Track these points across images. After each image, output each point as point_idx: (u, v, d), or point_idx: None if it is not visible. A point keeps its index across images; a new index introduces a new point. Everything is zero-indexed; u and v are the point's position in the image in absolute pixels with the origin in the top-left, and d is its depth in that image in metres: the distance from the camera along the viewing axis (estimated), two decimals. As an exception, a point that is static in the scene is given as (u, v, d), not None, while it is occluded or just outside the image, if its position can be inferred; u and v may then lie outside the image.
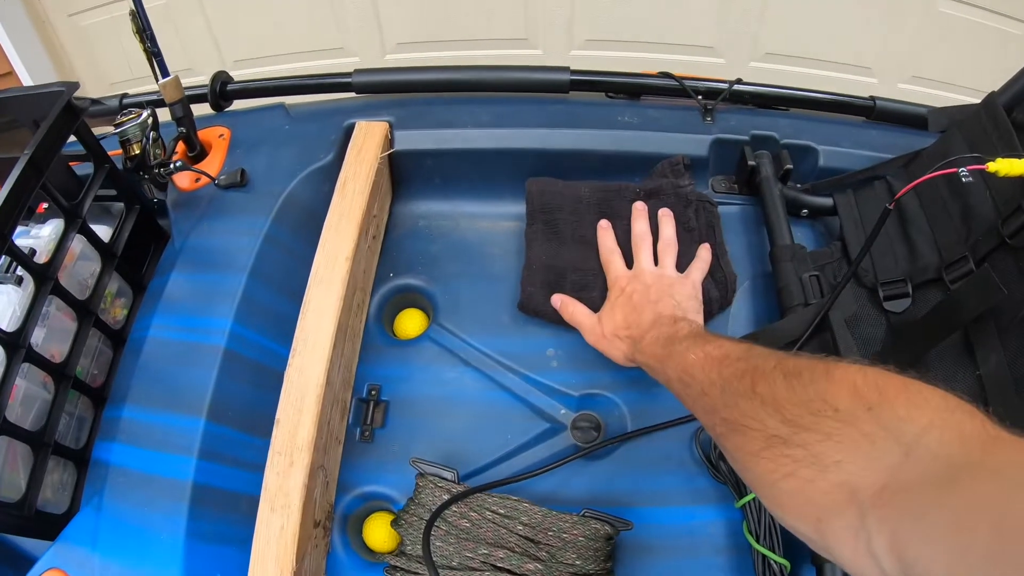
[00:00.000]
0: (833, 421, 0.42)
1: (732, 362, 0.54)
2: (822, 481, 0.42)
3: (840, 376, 0.44)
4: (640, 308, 0.76)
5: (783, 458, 0.44)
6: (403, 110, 0.90)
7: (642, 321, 0.74)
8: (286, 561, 0.70)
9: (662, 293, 0.77)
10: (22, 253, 0.76)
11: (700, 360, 0.59)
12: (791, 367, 0.48)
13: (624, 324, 0.76)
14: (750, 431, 0.48)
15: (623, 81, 0.89)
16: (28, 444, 0.78)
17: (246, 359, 0.79)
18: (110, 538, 0.75)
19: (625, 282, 0.81)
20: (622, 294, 0.79)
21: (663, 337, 0.68)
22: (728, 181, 0.90)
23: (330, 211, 0.81)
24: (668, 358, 0.64)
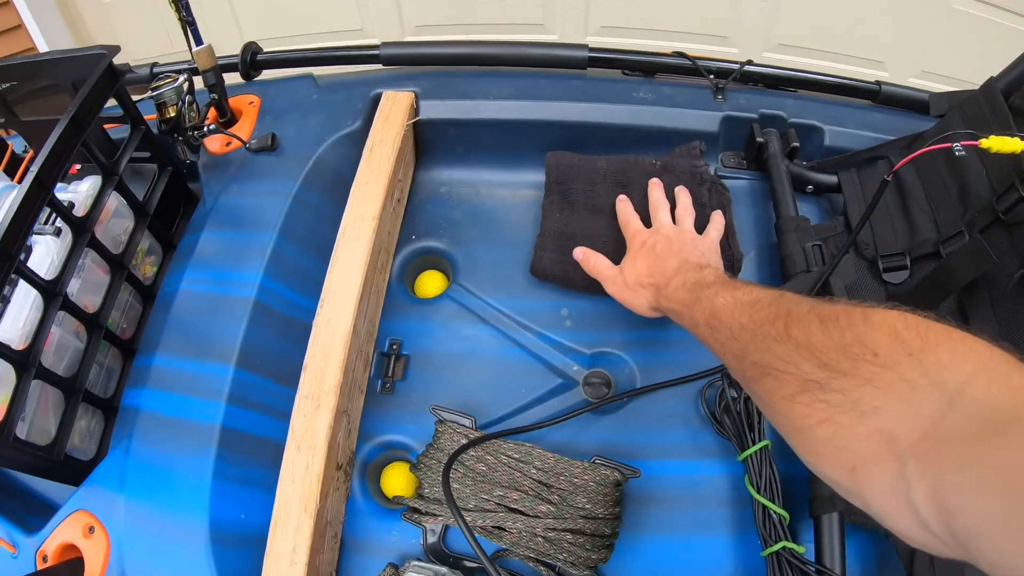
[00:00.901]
0: (872, 366, 0.41)
1: (763, 307, 0.53)
2: (859, 427, 0.41)
3: (879, 320, 0.43)
4: (663, 257, 0.77)
5: (819, 403, 0.44)
6: (428, 82, 0.96)
7: (666, 268, 0.75)
8: (310, 499, 0.75)
9: (685, 244, 0.79)
10: (62, 205, 0.81)
11: (729, 304, 0.58)
12: (827, 312, 0.47)
13: (647, 272, 0.77)
14: (784, 375, 0.47)
15: (639, 59, 0.95)
16: (60, 390, 0.83)
17: (274, 311, 0.84)
18: (137, 480, 0.80)
19: (646, 235, 0.82)
20: (643, 246, 0.80)
21: (689, 283, 0.69)
22: (737, 157, 0.96)
23: (358, 174, 0.87)
24: (696, 303, 0.65)
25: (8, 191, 0.91)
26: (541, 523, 0.77)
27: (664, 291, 0.73)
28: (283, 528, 0.75)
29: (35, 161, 0.76)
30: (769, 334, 0.50)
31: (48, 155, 0.76)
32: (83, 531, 0.81)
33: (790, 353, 0.47)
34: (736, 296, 0.59)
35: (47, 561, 0.83)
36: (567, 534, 0.77)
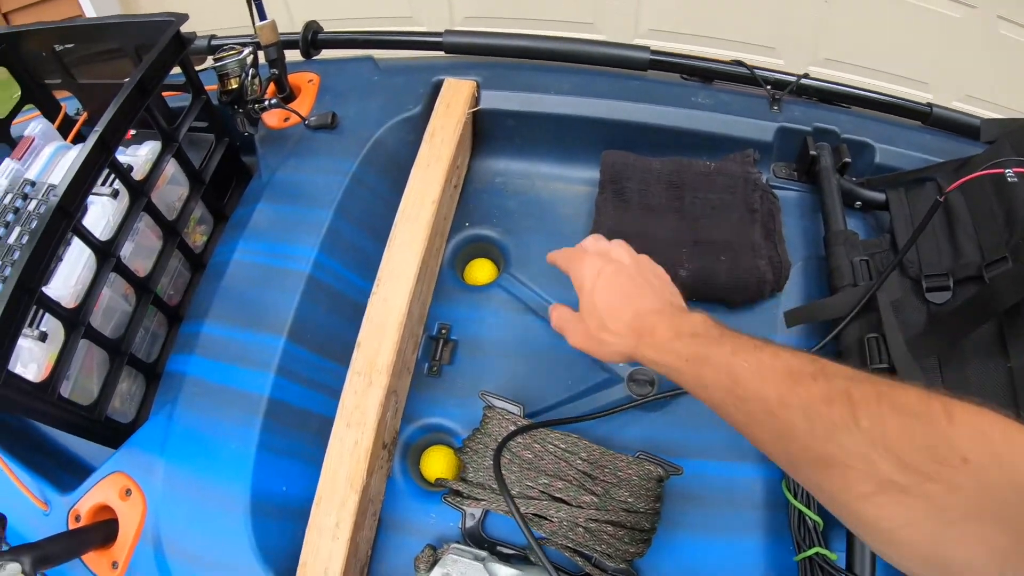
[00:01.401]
0: (961, 473, 0.38)
1: (806, 380, 0.46)
2: (952, 532, 0.39)
3: (964, 419, 0.39)
4: (632, 294, 0.64)
5: (900, 507, 0.40)
6: (488, 72, 0.97)
7: (641, 308, 0.62)
8: (356, 475, 0.76)
9: (648, 276, 0.66)
10: (122, 167, 0.82)
11: (754, 369, 0.50)
12: (900, 401, 0.42)
13: (615, 313, 0.63)
14: (853, 471, 0.42)
15: (698, 65, 0.97)
16: (106, 351, 0.84)
17: (327, 287, 0.86)
18: (179, 445, 0.81)
19: (599, 262, 0.67)
20: (600, 276, 0.66)
21: (685, 333, 0.57)
22: (788, 168, 0.98)
23: (419, 157, 0.88)
24: (702, 362, 0.54)
25: (63, 151, 0.92)
26: (584, 513, 0.78)
27: (649, 340, 0.60)
28: (327, 502, 0.76)
29: (99, 121, 0.77)
30: (830, 420, 0.44)
31: (113, 116, 0.77)
32: (119, 493, 0.82)
33: (862, 447, 0.42)
34: (761, 360, 0.50)
35: (80, 521, 0.84)
36: (608, 526, 0.78)
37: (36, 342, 0.76)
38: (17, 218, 0.83)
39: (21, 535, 0.86)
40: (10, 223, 0.83)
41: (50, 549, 0.74)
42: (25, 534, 0.86)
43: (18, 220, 0.83)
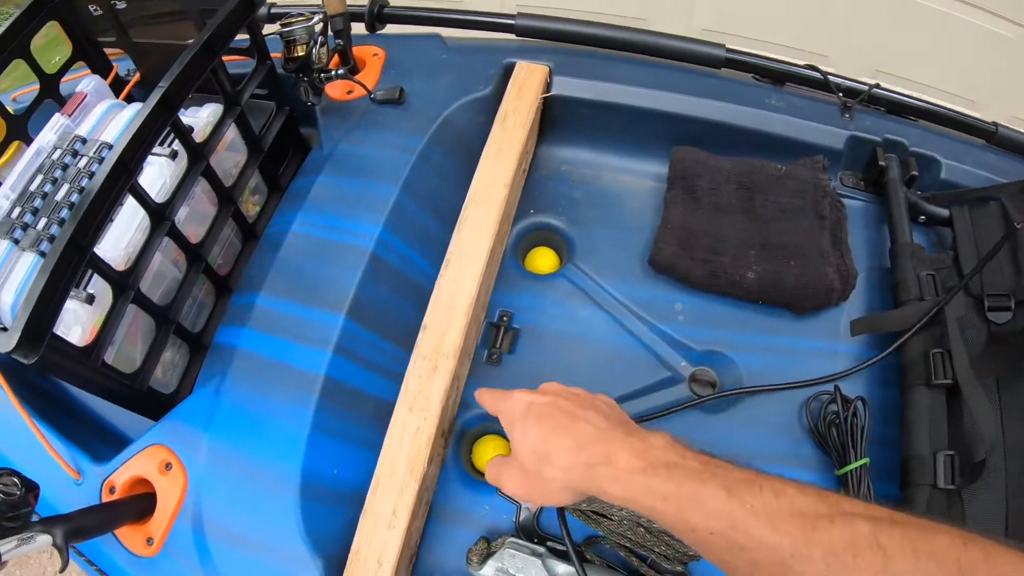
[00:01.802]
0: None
1: (825, 525, 0.41)
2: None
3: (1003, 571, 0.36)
4: (572, 417, 0.54)
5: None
6: (560, 57, 0.93)
7: (584, 434, 0.52)
8: (417, 462, 0.71)
9: (585, 400, 0.57)
10: (185, 128, 0.77)
11: (763, 515, 0.43)
12: (936, 547, 0.38)
13: (553, 446, 0.53)
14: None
15: (773, 66, 0.94)
16: (153, 318, 0.79)
17: (390, 265, 0.81)
18: (226, 421, 0.76)
19: (528, 397, 0.58)
20: (530, 409, 0.56)
21: (658, 464, 0.48)
22: (855, 177, 0.95)
23: (490, 140, 0.84)
24: (691, 503, 0.46)
25: (116, 109, 0.87)
26: (645, 514, 0.74)
27: (607, 472, 0.50)
28: (385, 488, 0.71)
29: (165, 77, 0.72)
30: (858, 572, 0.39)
31: (179, 74, 0.72)
32: (159, 467, 0.77)
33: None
34: (766, 502, 0.43)
35: (114, 493, 0.79)
36: (668, 528, 0.74)
37: (83, 304, 0.71)
38: (65, 175, 0.78)
39: (50, 504, 0.81)
40: (58, 180, 0.78)
41: (83, 521, 0.69)
42: (54, 504, 0.81)
43: (66, 177, 0.78)
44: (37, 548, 0.63)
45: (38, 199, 0.76)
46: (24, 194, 0.77)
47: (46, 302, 0.61)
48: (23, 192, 0.78)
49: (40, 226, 0.75)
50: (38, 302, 0.60)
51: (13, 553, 0.60)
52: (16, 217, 0.76)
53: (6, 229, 0.75)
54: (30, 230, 0.75)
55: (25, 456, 0.83)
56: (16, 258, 0.76)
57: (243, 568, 0.70)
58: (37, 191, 0.77)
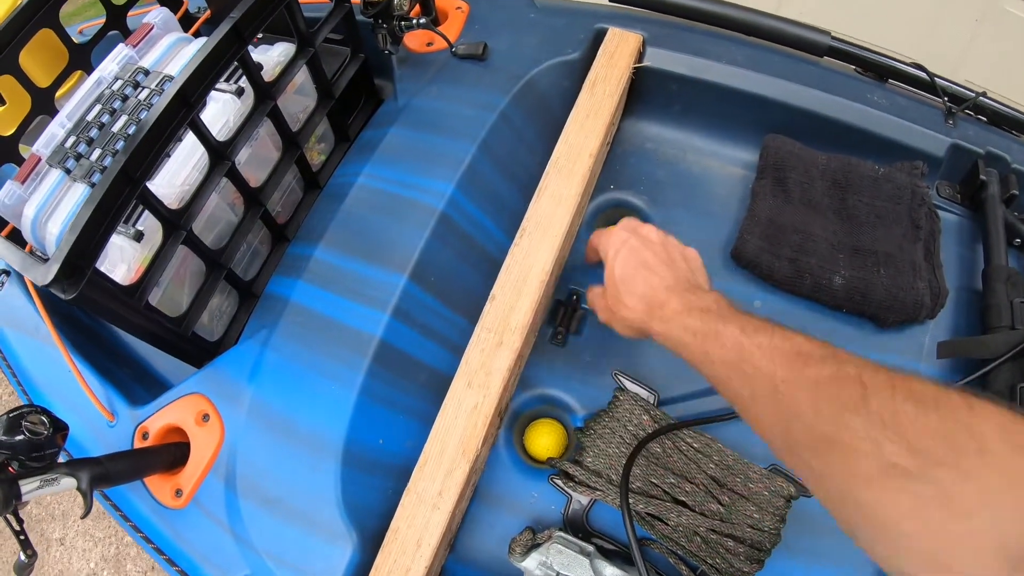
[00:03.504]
0: (977, 459, 0.33)
1: (816, 362, 0.41)
2: (957, 527, 0.33)
3: (986, 412, 0.34)
4: (652, 265, 0.56)
5: (904, 493, 0.35)
6: (655, 28, 0.79)
7: (656, 282, 0.55)
8: (471, 442, 0.60)
9: (673, 254, 0.59)
10: (253, 64, 0.65)
11: (764, 348, 0.45)
12: (916, 391, 0.36)
13: (631, 284, 0.57)
14: (858, 454, 0.37)
15: (878, 60, 0.79)
16: (204, 261, 0.68)
17: (459, 228, 0.69)
18: (271, 376, 0.65)
19: (626, 235, 0.60)
20: (624, 245, 0.59)
21: (696, 308, 0.51)
22: (952, 189, 0.81)
23: (577, 106, 0.71)
24: (712, 337, 0.48)
25: (183, 42, 0.75)
26: (706, 523, 0.62)
27: (660, 313, 0.53)
28: (434, 466, 0.60)
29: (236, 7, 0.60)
30: (838, 400, 0.39)
31: (252, 6, 0.60)
32: (196, 417, 0.67)
33: (870, 429, 0.36)
34: (773, 341, 0.45)
35: (147, 440, 0.69)
36: (728, 540, 0.62)
37: (130, 241, 0.61)
38: (124, 106, 0.67)
39: (79, 444, 0.71)
40: (116, 111, 0.67)
41: (112, 467, 0.60)
42: (84, 444, 0.71)
43: (125, 109, 0.67)
44: (61, 490, 0.54)
45: (94, 129, 0.66)
46: (80, 124, 0.67)
47: (90, 235, 0.52)
48: (79, 122, 0.67)
49: (94, 157, 0.65)
50: (81, 234, 0.50)
51: (35, 494, 0.52)
52: (70, 147, 0.66)
53: (59, 158, 0.66)
54: (83, 160, 0.65)
55: (60, 393, 0.74)
56: (67, 188, 0.66)
57: (273, 533, 0.60)
58: (94, 121, 0.67)
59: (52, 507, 1.72)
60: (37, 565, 1.63)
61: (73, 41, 0.79)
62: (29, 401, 0.77)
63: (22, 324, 0.77)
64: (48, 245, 0.67)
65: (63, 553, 1.65)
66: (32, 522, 1.70)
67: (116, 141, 0.65)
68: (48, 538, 1.67)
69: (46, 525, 1.70)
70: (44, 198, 0.66)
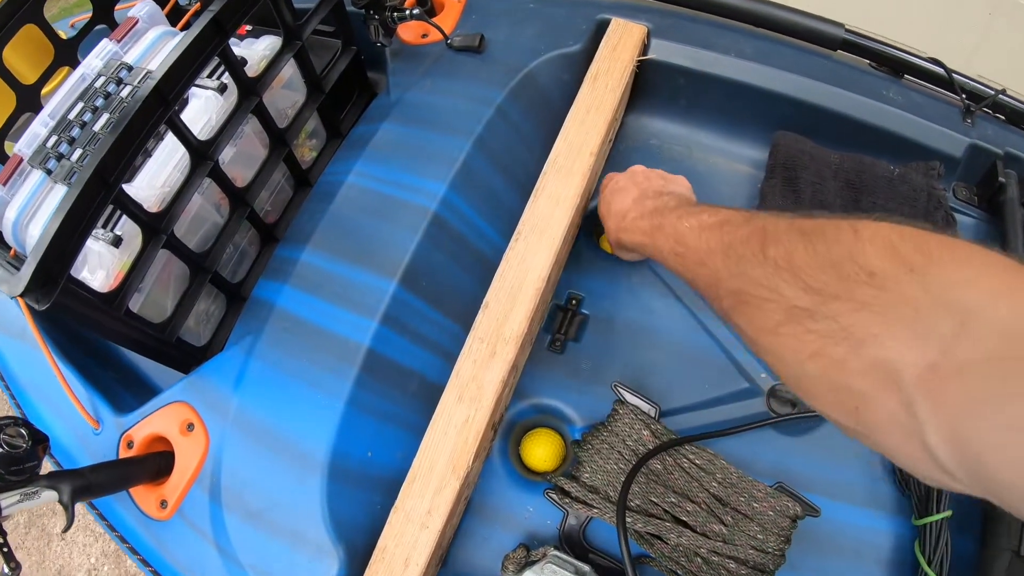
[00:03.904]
0: (867, 287, 0.32)
1: (734, 227, 0.43)
2: (855, 360, 0.32)
3: (871, 234, 0.33)
4: (626, 189, 0.62)
5: (807, 334, 0.35)
6: (661, 19, 0.75)
7: (625, 199, 0.61)
8: (461, 458, 0.58)
9: (651, 176, 0.64)
10: (235, 59, 0.62)
11: (694, 227, 0.48)
12: (809, 226, 0.37)
13: (610, 210, 0.62)
14: (764, 303, 0.37)
15: (894, 54, 0.75)
16: (188, 265, 0.65)
17: (453, 230, 0.66)
18: (256, 384, 0.63)
19: (617, 175, 0.66)
20: (610, 180, 0.66)
21: (648, 209, 0.56)
22: (969, 190, 0.77)
23: (577, 101, 0.68)
24: (657, 230, 0.53)
25: (168, 36, 0.72)
26: (708, 544, 0.59)
27: (623, 223, 0.59)
28: (422, 484, 0.58)
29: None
30: (743, 255, 0.40)
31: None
32: (181, 427, 0.65)
33: (769, 277, 0.37)
34: (702, 219, 0.48)
35: (132, 448, 0.67)
36: (731, 562, 0.60)
37: (108, 246, 0.58)
38: (107, 104, 0.65)
39: (65, 451, 0.69)
40: (99, 108, 0.65)
41: (94, 479, 0.58)
42: (70, 451, 0.70)
43: (108, 106, 0.64)
44: (42, 503, 0.53)
45: (76, 128, 0.64)
46: (62, 122, 0.65)
47: (63, 242, 0.50)
48: (61, 120, 0.65)
49: (75, 157, 0.63)
50: (53, 242, 0.48)
51: (15, 507, 0.51)
52: (51, 147, 0.64)
53: (40, 159, 0.64)
54: (64, 161, 0.63)
55: (48, 399, 0.72)
56: (48, 190, 0.64)
57: (258, 547, 0.58)
58: (76, 120, 0.65)
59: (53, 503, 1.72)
60: (38, 560, 1.64)
61: (59, 37, 0.77)
62: (18, 407, 0.76)
63: (9, 327, 0.76)
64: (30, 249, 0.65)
65: (64, 548, 1.65)
66: (33, 516, 1.70)
67: (97, 141, 0.63)
68: (49, 533, 1.68)
69: (47, 520, 1.70)
70: (25, 200, 0.64)
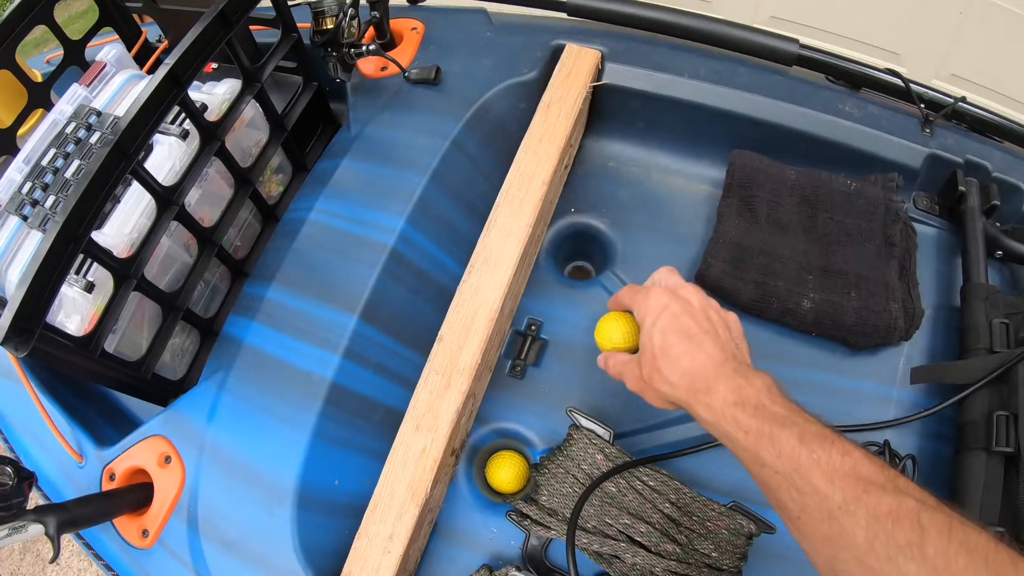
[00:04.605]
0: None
1: (876, 490, 0.40)
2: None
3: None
4: (693, 336, 0.52)
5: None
6: (615, 43, 0.78)
7: (699, 358, 0.51)
8: (420, 486, 0.61)
9: (716, 322, 0.54)
10: (194, 106, 0.66)
11: (824, 467, 0.42)
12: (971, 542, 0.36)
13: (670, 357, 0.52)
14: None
15: (850, 68, 0.77)
16: (160, 305, 0.69)
17: (411, 264, 0.69)
18: (229, 419, 0.67)
19: (666, 299, 0.55)
20: (664, 311, 0.54)
21: (748, 402, 0.48)
22: (930, 200, 0.78)
23: (530, 130, 0.70)
24: (767, 440, 0.45)
25: (135, 80, 0.76)
26: (663, 563, 0.62)
27: (706, 399, 0.50)
28: (384, 511, 0.61)
29: (171, 52, 0.60)
30: (894, 540, 0.39)
31: (187, 48, 0.61)
32: (158, 459, 0.69)
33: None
34: (831, 455, 0.43)
35: (114, 480, 0.71)
36: (686, 579, 0.62)
37: (81, 292, 0.62)
38: (78, 149, 0.69)
39: (52, 484, 0.73)
40: (70, 154, 0.69)
41: (78, 512, 0.62)
42: (56, 484, 0.74)
43: (79, 152, 0.69)
44: (29, 537, 0.57)
45: (49, 174, 0.69)
46: (35, 169, 0.69)
47: (37, 293, 0.53)
48: (35, 166, 0.69)
49: (48, 204, 0.67)
50: (28, 293, 0.52)
51: (4, 542, 0.55)
52: (27, 193, 0.68)
53: (16, 205, 0.68)
54: (39, 208, 0.67)
55: (33, 434, 0.77)
56: (25, 235, 0.68)
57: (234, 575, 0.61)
58: (48, 166, 0.69)
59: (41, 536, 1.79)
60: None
61: (32, 80, 0.81)
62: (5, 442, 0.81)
63: (-2, 366, 0.80)
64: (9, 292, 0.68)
65: (59, 573, 1.71)
66: (28, 543, 1.76)
67: (69, 187, 0.66)
68: (43, 559, 1.75)
69: (41, 546, 1.76)
70: (4, 245, 0.68)
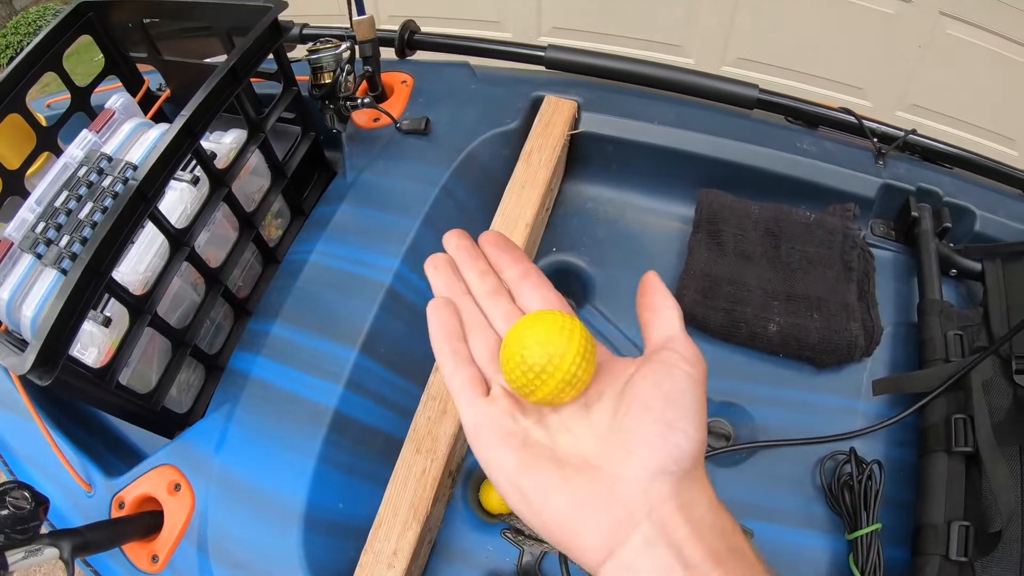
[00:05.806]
0: None
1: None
2: None
3: None
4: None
5: None
6: (589, 93, 0.88)
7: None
8: (421, 504, 0.68)
9: None
10: (206, 155, 0.74)
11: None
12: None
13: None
14: None
15: (806, 109, 0.87)
16: (170, 340, 0.76)
17: (407, 301, 0.77)
18: (235, 447, 0.73)
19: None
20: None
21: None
22: (887, 226, 0.88)
23: (513, 177, 0.79)
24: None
25: (143, 128, 0.84)
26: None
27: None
28: (388, 528, 0.68)
29: (187, 106, 0.69)
30: None
31: (201, 103, 0.69)
32: (168, 487, 0.75)
33: None
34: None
35: (123, 509, 0.77)
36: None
37: (99, 326, 0.69)
38: (90, 193, 0.76)
39: (61, 514, 0.79)
40: (83, 197, 0.76)
41: (91, 536, 0.68)
42: (65, 513, 0.80)
43: (91, 195, 0.75)
44: (44, 560, 0.61)
45: (62, 215, 0.75)
46: (49, 209, 0.75)
47: (62, 326, 0.59)
48: (48, 207, 0.76)
49: (63, 243, 0.74)
50: (54, 326, 0.58)
51: (20, 564, 0.59)
52: (40, 232, 0.74)
53: (30, 243, 0.74)
54: (53, 246, 0.74)
55: (41, 465, 0.81)
56: (38, 273, 0.75)
57: (244, 596, 0.67)
58: (62, 207, 0.75)
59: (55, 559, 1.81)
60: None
61: (41, 125, 0.88)
62: (11, 474, 0.86)
63: (2, 400, 0.86)
64: (23, 327, 0.75)
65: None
66: None
67: (83, 228, 0.73)
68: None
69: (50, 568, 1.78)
70: (18, 282, 0.74)
